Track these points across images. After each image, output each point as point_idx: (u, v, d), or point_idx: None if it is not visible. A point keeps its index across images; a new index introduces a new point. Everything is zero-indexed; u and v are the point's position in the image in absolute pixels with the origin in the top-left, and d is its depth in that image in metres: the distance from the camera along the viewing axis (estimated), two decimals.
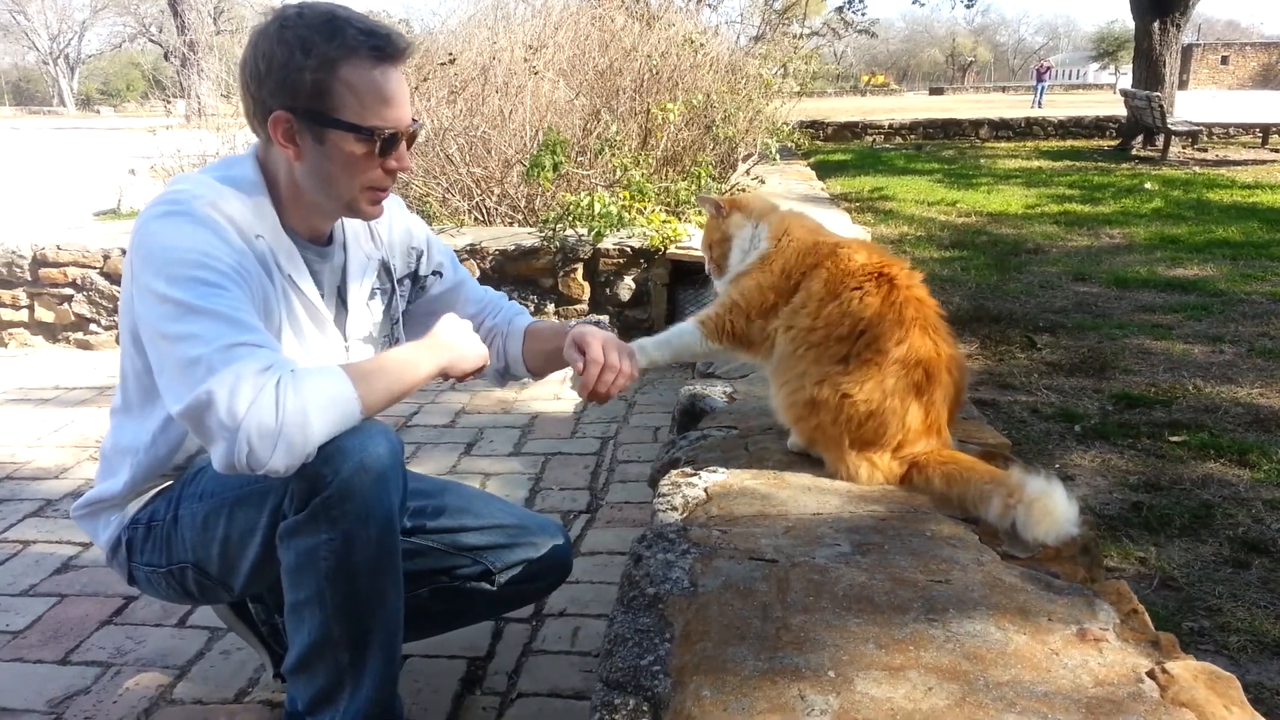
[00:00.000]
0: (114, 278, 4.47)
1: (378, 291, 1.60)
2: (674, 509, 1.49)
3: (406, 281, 1.68)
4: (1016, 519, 1.31)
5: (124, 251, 4.41)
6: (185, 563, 1.47)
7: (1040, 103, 29.28)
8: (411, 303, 1.71)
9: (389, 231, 1.63)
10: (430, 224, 5.12)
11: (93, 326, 4.53)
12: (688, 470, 1.63)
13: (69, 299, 4.52)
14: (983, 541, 1.33)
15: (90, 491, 1.55)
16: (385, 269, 1.62)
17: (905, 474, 1.52)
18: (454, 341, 1.44)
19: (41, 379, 4.04)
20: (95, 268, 4.48)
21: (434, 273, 1.71)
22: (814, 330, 1.56)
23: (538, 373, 1.75)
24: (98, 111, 53.74)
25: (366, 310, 1.58)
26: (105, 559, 1.58)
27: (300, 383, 1.22)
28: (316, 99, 1.32)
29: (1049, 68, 36.29)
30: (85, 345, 4.53)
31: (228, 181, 1.36)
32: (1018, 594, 1.18)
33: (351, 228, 1.56)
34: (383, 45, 1.33)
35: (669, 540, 1.35)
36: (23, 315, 4.55)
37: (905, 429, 1.50)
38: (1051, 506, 1.29)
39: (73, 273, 4.49)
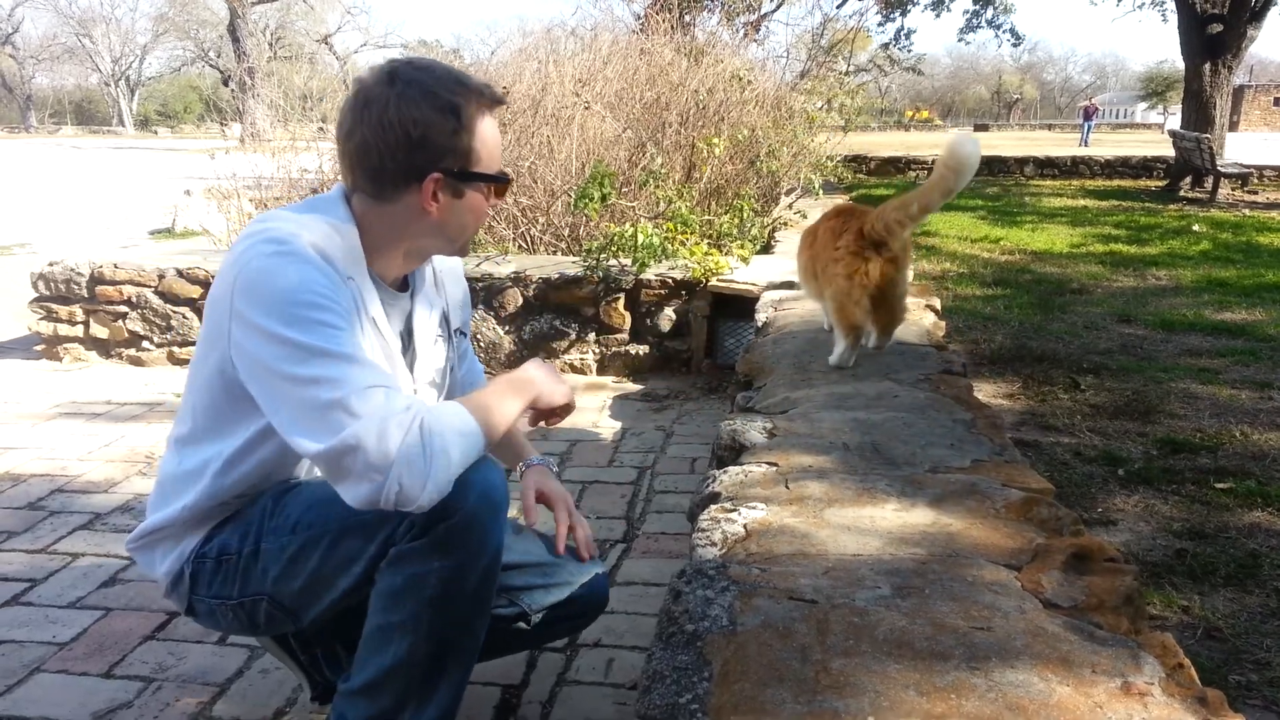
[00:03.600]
0: (168, 296, 4.57)
1: (439, 338, 1.65)
2: (713, 544, 1.49)
3: (459, 334, 1.73)
4: None
5: (179, 272, 4.53)
6: (261, 595, 1.49)
7: (1087, 141, 29.14)
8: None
9: (452, 285, 1.70)
10: (475, 251, 5.19)
11: (145, 343, 4.63)
12: (727, 506, 1.64)
13: (123, 316, 4.63)
14: (1025, 589, 1.32)
15: (145, 523, 1.56)
16: (445, 318, 1.67)
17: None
18: (537, 376, 1.50)
19: (94, 394, 4.14)
20: (150, 286, 4.59)
21: (462, 330, 1.77)
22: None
23: None
24: (155, 132, 55.21)
25: (431, 354, 1.62)
26: (163, 591, 1.60)
27: (439, 421, 1.27)
28: (465, 158, 1.40)
29: (1096, 108, 35.96)
30: (137, 361, 4.64)
31: (324, 223, 1.40)
32: (1060, 644, 1.17)
33: (422, 276, 1.61)
34: (495, 96, 1.44)
35: (708, 577, 1.35)
36: (78, 331, 4.67)
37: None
38: None
39: (128, 290, 4.61)
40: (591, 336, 4.48)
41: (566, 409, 1.56)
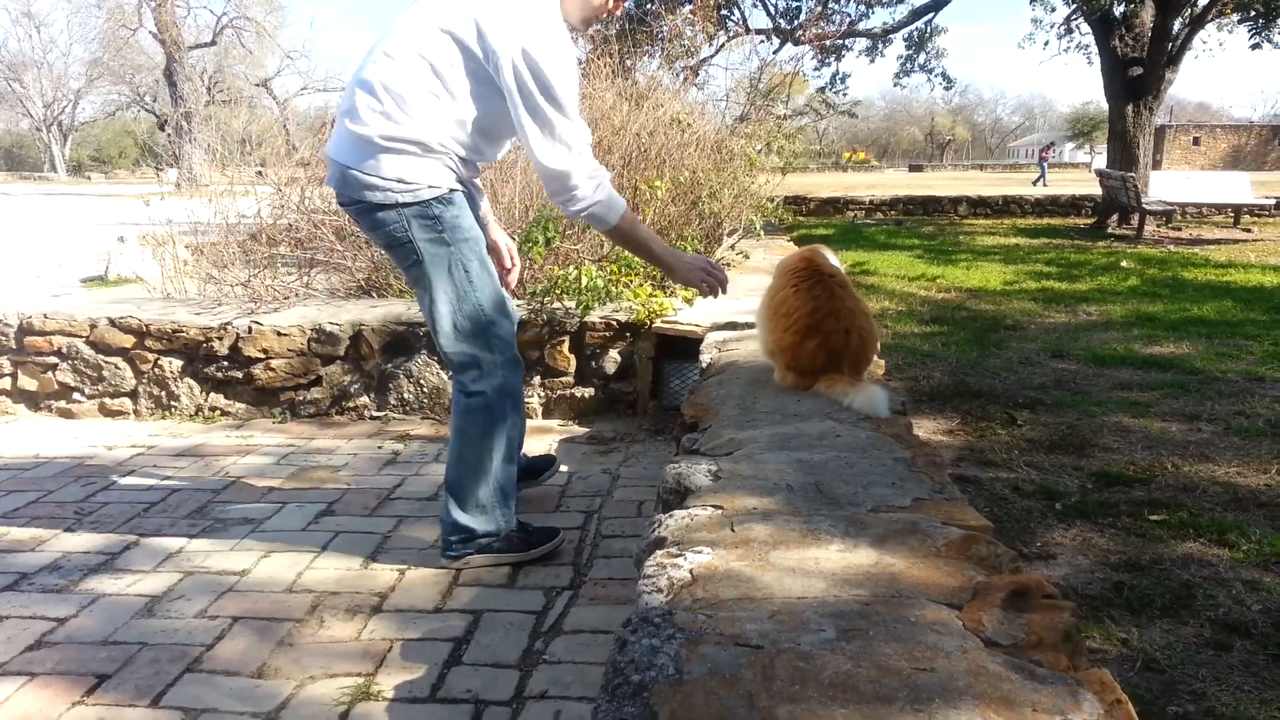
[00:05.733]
0: (99, 346, 4.46)
1: None
2: (659, 591, 1.48)
3: None
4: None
5: (111, 321, 4.43)
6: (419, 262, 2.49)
7: (1045, 181, 30.46)
8: None
9: None
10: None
11: (75, 395, 4.51)
12: (673, 551, 1.63)
13: (53, 368, 4.50)
14: (966, 628, 1.33)
15: (392, 127, 2.30)
16: None
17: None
18: (693, 268, 2.73)
19: (20, 448, 4.01)
20: (81, 336, 4.48)
21: None
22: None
23: None
24: (88, 178, 54.09)
25: None
26: (380, 183, 2.35)
27: (609, 186, 2.46)
28: None
29: (1051, 154, 37.26)
30: (67, 414, 4.51)
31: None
32: (1002, 683, 1.18)
33: None
34: None
35: (654, 625, 1.35)
36: (5, 383, 4.53)
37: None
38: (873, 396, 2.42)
39: (58, 341, 4.48)
40: (536, 380, 4.46)
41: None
